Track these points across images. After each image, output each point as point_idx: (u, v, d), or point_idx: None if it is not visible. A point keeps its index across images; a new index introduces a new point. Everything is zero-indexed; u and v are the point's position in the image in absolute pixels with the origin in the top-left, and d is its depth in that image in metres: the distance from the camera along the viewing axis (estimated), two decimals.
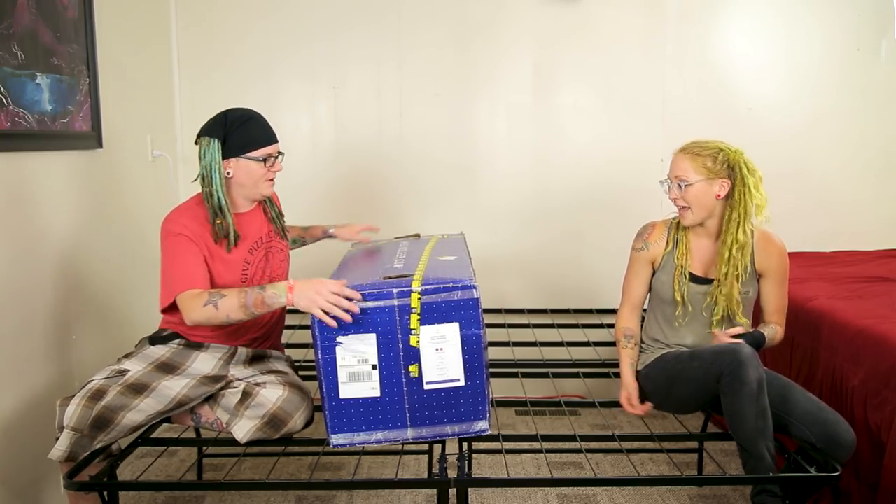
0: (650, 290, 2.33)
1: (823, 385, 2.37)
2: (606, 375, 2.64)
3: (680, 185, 2.17)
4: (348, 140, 3.40)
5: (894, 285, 2.81)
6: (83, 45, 2.44)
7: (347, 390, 1.83)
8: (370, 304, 1.81)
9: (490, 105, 3.41)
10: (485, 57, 3.37)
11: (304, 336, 2.97)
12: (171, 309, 2.04)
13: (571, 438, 2.10)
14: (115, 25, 2.72)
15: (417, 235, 2.63)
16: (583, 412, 3.32)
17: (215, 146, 2.02)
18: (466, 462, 1.93)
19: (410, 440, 1.89)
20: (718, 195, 2.15)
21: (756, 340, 2.09)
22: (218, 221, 2.04)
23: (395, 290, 1.81)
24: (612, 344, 3.07)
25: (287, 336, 3.06)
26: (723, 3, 3.40)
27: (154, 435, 2.15)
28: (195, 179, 2.08)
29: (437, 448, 2.03)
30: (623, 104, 3.41)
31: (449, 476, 1.85)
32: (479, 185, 3.44)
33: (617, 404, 2.49)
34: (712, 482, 2.55)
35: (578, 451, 2.43)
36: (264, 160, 2.07)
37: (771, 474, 1.89)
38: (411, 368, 1.83)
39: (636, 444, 2.85)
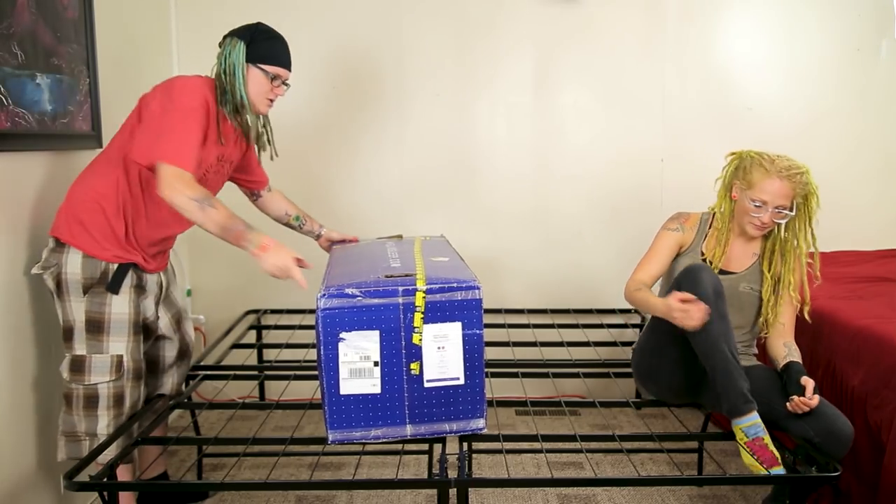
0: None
1: (823, 385, 2.37)
2: (606, 375, 2.65)
3: (780, 211, 2.19)
4: (347, 139, 3.40)
5: (894, 285, 2.82)
6: (83, 45, 2.44)
7: (348, 386, 1.84)
8: (375, 301, 1.82)
9: (490, 105, 3.41)
10: (485, 57, 3.37)
11: (305, 336, 2.98)
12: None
13: (571, 438, 2.10)
14: (115, 25, 2.72)
15: (400, 236, 2.64)
16: (583, 412, 3.32)
17: (240, 48, 2.11)
18: (466, 462, 1.93)
19: (409, 437, 1.90)
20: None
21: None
22: (238, 119, 2.15)
23: (400, 289, 1.83)
24: (613, 344, 3.09)
25: (287, 336, 3.07)
26: (723, 3, 3.40)
27: (154, 434, 2.15)
28: (212, 74, 2.16)
29: (438, 448, 2.04)
30: (623, 104, 3.41)
31: (449, 476, 1.85)
32: (480, 186, 3.44)
33: (617, 404, 2.49)
34: (712, 482, 2.55)
35: (578, 451, 2.43)
36: (272, 78, 2.14)
37: (770, 473, 1.89)
38: (412, 366, 1.85)
39: (636, 444, 2.85)
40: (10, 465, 2.07)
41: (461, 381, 1.88)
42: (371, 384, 1.85)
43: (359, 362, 1.84)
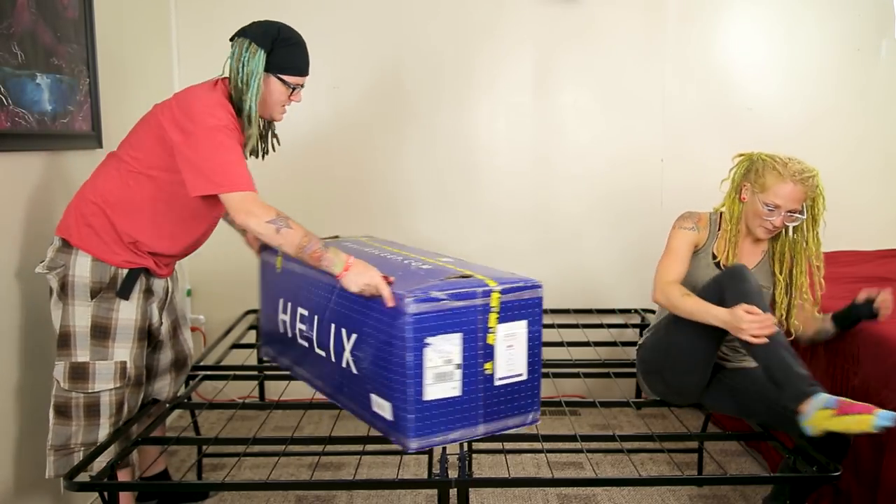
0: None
1: (823, 385, 2.37)
2: (606, 375, 2.65)
3: (792, 215, 2.19)
4: (348, 140, 3.40)
5: (894, 285, 2.81)
6: (83, 45, 2.44)
7: (432, 392, 1.81)
8: (458, 304, 1.81)
9: (490, 105, 3.41)
10: (485, 57, 3.37)
11: None
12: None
13: (571, 438, 2.10)
14: (115, 25, 2.72)
15: (337, 237, 2.60)
16: (583, 412, 3.32)
17: (260, 57, 2.01)
18: (466, 462, 1.93)
19: (480, 436, 1.91)
20: None
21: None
22: (249, 133, 2.04)
23: (479, 290, 1.83)
24: (613, 344, 3.09)
25: None
26: (723, 3, 3.40)
27: (153, 434, 2.15)
28: (224, 71, 2.06)
29: (438, 448, 2.03)
30: (623, 104, 3.41)
31: (449, 476, 1.85)
32: (480, 185, 3.44)
33: (617, 404, 2.49)
34: (712, 482, 2.55)
35: (578, 451, 2.43)
36: (292, 88, 2.09)
37: (771, 475, 1.89)
38: (486, 366, 1.86)
39: (636, 444, 2.85)
40: (10, 465, 2.07)
41: (524, 377, 1.92)
42: (452, 387, 1.83)
43: (442, 366, 1.81)
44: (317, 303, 2.07)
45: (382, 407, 1.85)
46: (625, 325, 3.31)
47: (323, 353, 2.07)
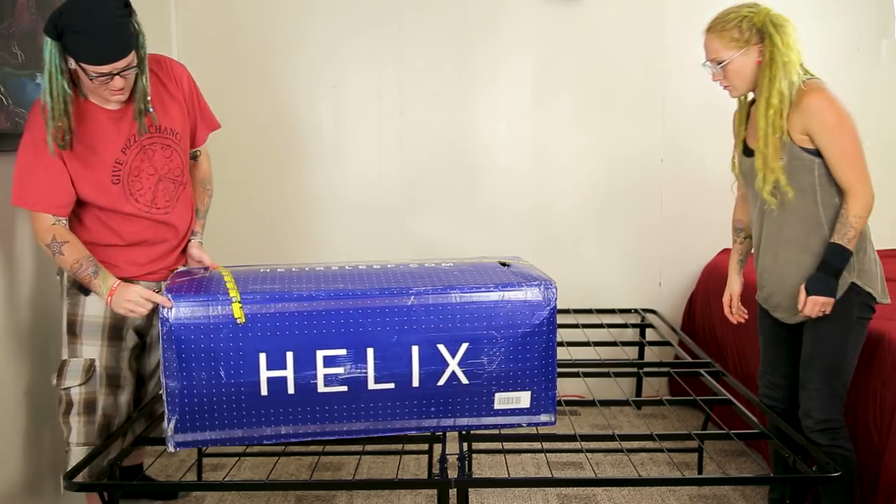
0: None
1: None
2: (606, 375, 2.65)
3: (718, 66, 2.12)
4: (348, 140, 3.40)
5: (894, 285, 2.81)
6: None
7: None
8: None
9: (490, 105, 3.41)
10: (485, 56, 3.37)
11: None
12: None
13: (571, 438, 2.10)
14: None
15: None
16: (583, 412, 3.32)
17: (49, 47, 1.77)
18: (466, 462, 1.93)
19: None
20: (759, 61, 2.06)
21: (832, 267, 2.11)
22: (59, 125, 1.82)
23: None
24: (613, 344, 3.09)
25: None
26: (723, 3, 3.38)
27: (153, 434, 2.15)
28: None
29: (438, 448, 2.04)
30: (623, 104, 3.40)
31: (449, 476, 1.85)
32: (479, 185, 3.44)
33: (617, 403, 2.49)
34: (712, 482, 2.54)
35: (578, 451, 2.43)
36: (94, 76, 1.81)
37: (770, 475, 1.89)
38: None
39: (636, 444, 2.85)
40: (10, 466, 2.07)
41: None
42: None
43: None
44: (367, 334, 1.87)
45: (515, 399, 1.94)
46: (624, 325, 3.31)
47: (389, 386, 1.89)
